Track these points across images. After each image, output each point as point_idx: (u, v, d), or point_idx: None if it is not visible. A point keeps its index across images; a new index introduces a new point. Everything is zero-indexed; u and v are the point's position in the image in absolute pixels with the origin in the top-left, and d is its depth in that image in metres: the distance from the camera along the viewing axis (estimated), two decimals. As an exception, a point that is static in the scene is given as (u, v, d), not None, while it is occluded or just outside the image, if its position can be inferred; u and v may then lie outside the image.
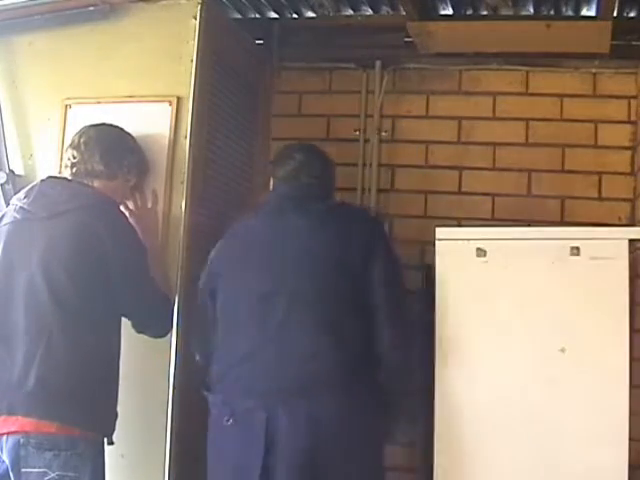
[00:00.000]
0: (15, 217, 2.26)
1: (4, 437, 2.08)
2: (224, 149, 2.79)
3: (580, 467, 2.33)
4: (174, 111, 2.53)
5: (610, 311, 2.37)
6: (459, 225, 2.98)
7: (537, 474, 2.37)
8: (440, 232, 2.52)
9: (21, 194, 2.32)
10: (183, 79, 2.53)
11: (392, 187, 3.16)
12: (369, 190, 3.14)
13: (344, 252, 2.28)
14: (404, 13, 2.94)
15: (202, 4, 2.55)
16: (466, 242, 2.48)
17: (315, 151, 2.51)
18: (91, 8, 2.61)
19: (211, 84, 2.65)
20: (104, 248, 2.20)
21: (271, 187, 2.50)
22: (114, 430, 2.23)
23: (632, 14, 2.90)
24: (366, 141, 3.16)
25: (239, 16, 3.18)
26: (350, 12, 3.12)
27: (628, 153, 2.96)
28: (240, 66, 2.93)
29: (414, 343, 2.35)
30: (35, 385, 2.08)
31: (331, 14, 3.13)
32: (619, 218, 2.92)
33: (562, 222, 2.94)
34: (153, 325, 2.35)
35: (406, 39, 3.03)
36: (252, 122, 3.04)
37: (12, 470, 2.07)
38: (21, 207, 2.26)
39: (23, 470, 2.05)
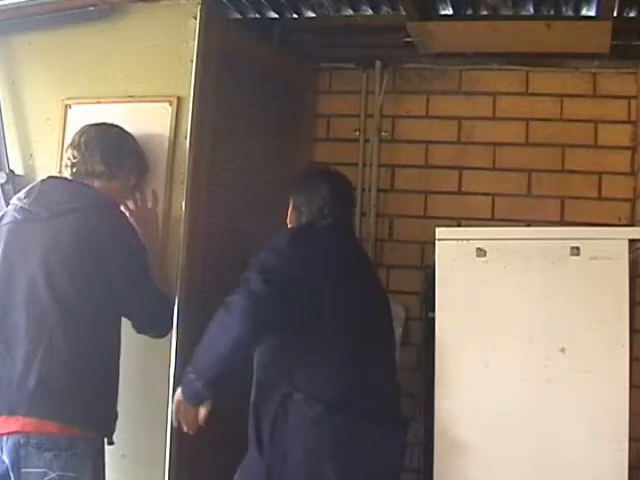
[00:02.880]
0: (15, 217, 2.26)
1: (4, 437, 2.08)
2: (231, 150, 2.78)
3: (580, 467, 2.33)
4: (174, 111, 2.53)
5: (610, 311, 2.37)
6: (459, 225, 2.98)
7: (537, 474, 2.37)
8: (440, 232, 2.52)
9: (21, 194, 2.32)
10: (183, 79, 2.53)
11: (392, 187, 3.16)
12: (369, 190, 3.14)
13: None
14: (404, 13, 2.93)
15: (202, 4, 2.54)
16: (466, 242, 2.47)
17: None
18: (91, 8, 2.61)
19: (217, 84, 2.65)
20: (105, 248, 2.20)
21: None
22: (114, 430, 2.23)
23: (632, 14, 2.89)
24: (366, 141, 3.16)
25: (239, 16, 3.17)
26: (350, 12, 3.11)
27: (628, 153, 2.96)
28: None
29: None
30: (36, 385, 2.08)
31: (331, 14, 3.12)
32: (619, 218, 2.92)
33: (562, 222, 2.94)
34: (153, 325, 2.35)
35: (406, 39, 3.02)
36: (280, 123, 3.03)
37: (12, 470, 2.07)
38: (21, 207, 2.26)
39: (23, 470, 2.05)
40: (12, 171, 2.65)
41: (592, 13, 2.88)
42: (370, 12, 3.11)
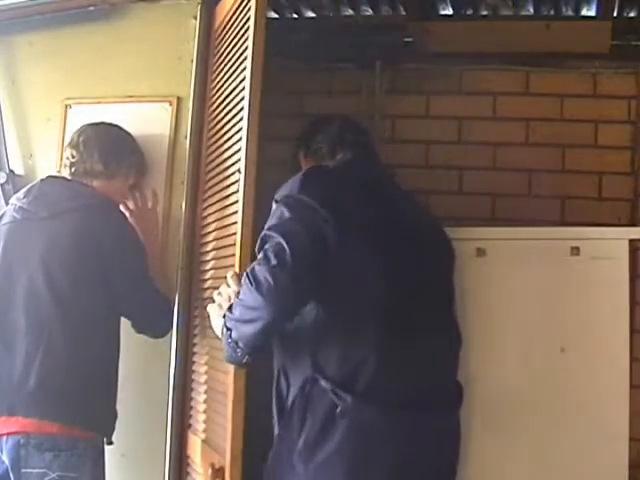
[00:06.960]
0: (15, 217, 2.26)
1: (4, 437, 2.09)
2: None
3: (580, 467, 2.33)
4: (174, 111, 2.53)
5: (610, 311, 2.37)
6: (459, 225, 2.98)
7: (537, 474, 2.37)
8: (440, 232, 2.51)
9: (20, 194, 2.32)
10: (183, 79, 2.54)
11: (392, 187, 3.15)
12: (369, 190, 3.13)
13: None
14: (404, 13, 2.94)
15: (202, 4, 2.55)
16: (466, 242, 2.47)
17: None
18: (91, 8, 2.61)
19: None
20: (104, 248, 2.20)
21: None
22: (114, 430, 2.24)
23: (632, 14, 2.89)
24: (366, 141, 3.15)
25: (239, 16, 3.17)
26: (350, 12, 3.12)
27: (628, 153, 2.95)
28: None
29: None
30: (35, 385, 2.09)
31: (331, 14, 3.12)
32: (619, 218, 2.91)
33: (562, 222, 2.93)
34: (153, 325, 2.35)
35: (406, 39, 3.02)
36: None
37: (12, 470, 2.07)
38: (20, 207, 2.27)
39: (23, 470, 2.06)
40: (12, 171, 2.66)
41: (592, 13, 2.89)
42: (370, 12, 3.11)
